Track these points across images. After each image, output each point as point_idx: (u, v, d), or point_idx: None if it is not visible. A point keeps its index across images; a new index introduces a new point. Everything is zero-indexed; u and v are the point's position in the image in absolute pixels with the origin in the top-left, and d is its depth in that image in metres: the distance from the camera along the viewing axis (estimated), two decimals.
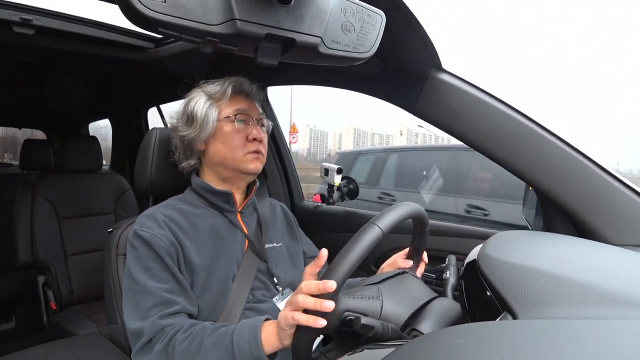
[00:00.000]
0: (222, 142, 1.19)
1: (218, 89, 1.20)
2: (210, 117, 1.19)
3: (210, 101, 1.20)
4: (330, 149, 67.06)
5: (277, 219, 1.37)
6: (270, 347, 0.88)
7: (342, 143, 70.29)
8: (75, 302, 2.41)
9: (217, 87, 1.21)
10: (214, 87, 1.21)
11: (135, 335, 1.03)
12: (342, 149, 72.37)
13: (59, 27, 1.59)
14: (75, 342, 1.68)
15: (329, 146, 68.88)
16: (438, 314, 0.84)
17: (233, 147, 1.18)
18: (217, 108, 1.20)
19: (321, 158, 67.95)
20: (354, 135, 70.49)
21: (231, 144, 1.19)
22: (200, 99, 1.21)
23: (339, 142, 69.79)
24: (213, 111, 1.19)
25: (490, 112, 1.05)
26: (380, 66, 1.19)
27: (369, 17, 0.70)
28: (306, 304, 0.78)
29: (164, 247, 1.07)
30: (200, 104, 1.20)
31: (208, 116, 1.19)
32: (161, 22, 0.51)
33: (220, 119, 1.20)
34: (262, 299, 1.17)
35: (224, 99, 1.20)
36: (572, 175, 1.00)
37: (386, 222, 0.82)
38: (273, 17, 0.59)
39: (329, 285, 0.76)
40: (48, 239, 2.44)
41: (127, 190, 2.75)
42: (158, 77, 2.15)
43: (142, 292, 1.04)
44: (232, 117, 1.19)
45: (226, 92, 1.20)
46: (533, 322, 0.56)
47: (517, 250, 0.76)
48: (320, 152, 70.07)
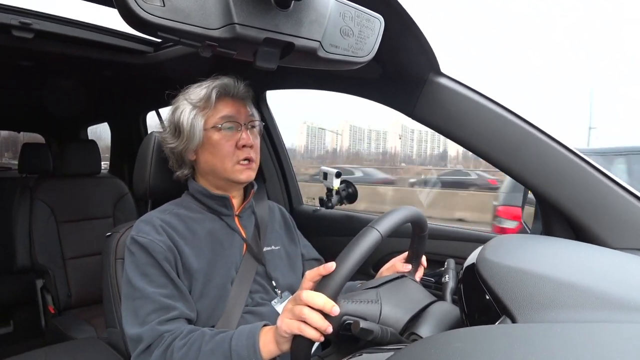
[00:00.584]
0: (211, 152, 1.17)
1: (202, 96, 1.16)
2: (197, 128, 1.15)
3: (195, 110, 1.16)
4: (329, 145, 67.09)
5: (275, 222, 1.36)
6: (268, 354, 0.88)
7: (337, 140, 70.27)
8: (73, 306, 2.40)
9: (201, 93, 1.17)
10: (198, 94, 1.17)
11: (135, 341, 1.02)
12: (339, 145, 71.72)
13: (58, 31, 1.59)
14: (74, 346, 1.67)
15: (327, 143, 68.97)
16: (437, 317, 0.84)
17: (222, 156, 1.16)
18: (202, 117, 1.16)
19: (318, 154, 67.83)
20: (349, 132, 70.62)
21: (220, 154, 1.16)
22: (185, 108, 1.17)
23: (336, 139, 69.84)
24: (199, 121, 1.16)
25: (489, 116, 1.06)
26: (379, 70, 1.19)
27: (368, 21, 0.70)
28: (312, 319, 0.77)
29: (161, 253, 1.07)
30: (185, 114, 1.16)
31: (194, 127, 1.15)
32: (160, 26, 0.51)
33: (206, 128, 1.16)
34: (261, 302, 1.16)
35: (209, 107, 1.17)
36: (571, 179, 1.00)
37: (385, 226, 0.82)
38: (272, 22, 0.59)
39: (334, 311, 0.76)
40: (46, 242, 2.44)
41: (126, 194, 2.75)
42: (157, 81, 2.15)
43: (140, 297, 1.04)
44: (219, 125, 1.16)
45: (210, 98, 1.16)
46: (532, 326, 0.56)
47: (516, 254, 0.76)
48: (318, 148, 70.17)
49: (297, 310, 0.79)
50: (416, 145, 56.05)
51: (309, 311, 0.77)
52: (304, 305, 0.79)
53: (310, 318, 0.77)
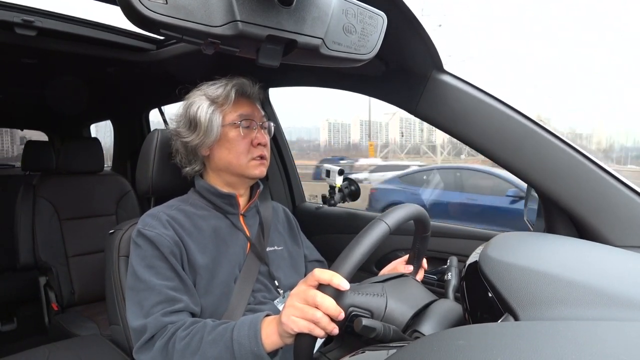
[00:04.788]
0: (227, 148, 1.18)
1: (220, 92, 1.18)
2: (215, 123, 1.17)
3: (214, 106, 1.18)
4: (351, 139, 68.08)
5: (279, 222, 1.37)
6: (271, 346, 0.88)
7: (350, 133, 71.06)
8: (76, 303, 2.41)
9: (219, 90, 1.18)
10: (216, 90, 1.18)
11: (138, 332, 1.02)
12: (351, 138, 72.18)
13: (61, 28, 1.59)
14: (77, 343, 1.68)
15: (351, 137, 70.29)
16: (439, 315, 0.84)
17: (238, 153, 1.18)
18: (220, 113, 1.18)
19: (337, 147, 68.42)
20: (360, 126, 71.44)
21: (236, 150, 1.18)
22: (203, 104, 1.18)
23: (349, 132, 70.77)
24: (217, 117, 1.17)
25: (491, 114, 1.06)
26: (382, 67, 1.19)
27: (371, 18, 0.70)
28: (322, 321, 0.77)
29: (168, 247, 1.08)
30: (203, 109, 1.17)
31: (212, 122, 1.16)
32: (163, 24, 0.51)
33: (224, 124, 1.18)
34: (263, 301, 1.17)
35: (227, 104, 1.18)
36: (574, 177, 1.00)
37: (393, 220, 0.82)
38: (275, 19, 0.59)
39: (343, 285, 0.75)
40: (49, 240, 2.45)
41: (129, 192, 2.75)
42: (159, 79, 2.16)
43: (145, 289, 1.04)
44: (237, 123, 1.18)
45: (229, 96, 1.18)
46: (535, 324, 0.56)
47: (518, 252, 0.76)
48: (337, 143, 71.46)
49: (309, 311, 0.78)
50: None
51: (321, 315, 0.77)
52: (315, 287, 0.79)
53: (321, 321, 0.77)
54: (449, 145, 22.48)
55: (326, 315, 0.77)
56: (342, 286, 0.75)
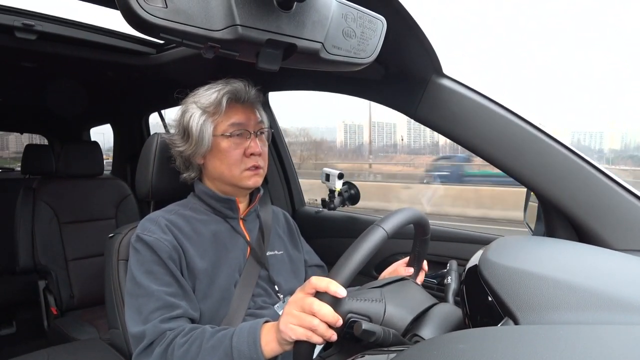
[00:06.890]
0: (220, 159, 1.16)
1: (212, 100, 1.15)
2: (206, 134, 1.14)
3: (205, 115, 1.15)
4: (365, 140, 68.75)
5: (279, 227, 1.37)
6: (271, 352, 0.88)
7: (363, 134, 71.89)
8: (76, 307, 2.41)
9: (211, 97, 1.15)
10: (208, 98, 1.15)
11: (137, 338, 1.02)
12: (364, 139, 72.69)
13: (61, 32, 1.60)
14: (76, 347, 1.68)
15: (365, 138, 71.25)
16: (439, 319, 0.84)
17: (230, 164, 1.16)
18: (212, 123, 1.15)
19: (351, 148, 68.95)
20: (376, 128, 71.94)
21: (228, 161, 1.16)
22: (195, 113, 1.16)
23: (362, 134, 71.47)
24: (208, 127, 1.15)
25: (491, 117, 1.06)
26: (382, 71, 1.19)
27: (370, 22, 0.70)
28: (319, 329, 0.77)
29: (167, 252, 1.07)
30: (194, 119, 1.15)
31: (203, 132, 1.14)
32: (163, 28, 0.51)
33: (216, 134, 1.15)
34: (263, 306, 1.17)
35: (219, 113, 1.15)
36: (574, 180, 1.00)
37: (391, 225, 0.82)
38: (274, 23, 0.59)
39: (340, 292, 0.76)
40: (49, 243, 2.45)
41: (128, 196, 2.75)
42: (159, 83, 2.16)
43: (144, 295, 1.04)
44: (228, 133, 1.15)
45: (221, 104, 1.14)
46: (535, 328, 0.56)
47: (518, 256, 0.76)
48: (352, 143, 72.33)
49: (306, 318, 0.78)
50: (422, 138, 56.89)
51: (318, 322, 0.77)
52: (313, 295, 0.79)
53: (319, 328, 0.77)
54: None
55: (323, 322, 0.77)
56: (339, 293, 0.76)
